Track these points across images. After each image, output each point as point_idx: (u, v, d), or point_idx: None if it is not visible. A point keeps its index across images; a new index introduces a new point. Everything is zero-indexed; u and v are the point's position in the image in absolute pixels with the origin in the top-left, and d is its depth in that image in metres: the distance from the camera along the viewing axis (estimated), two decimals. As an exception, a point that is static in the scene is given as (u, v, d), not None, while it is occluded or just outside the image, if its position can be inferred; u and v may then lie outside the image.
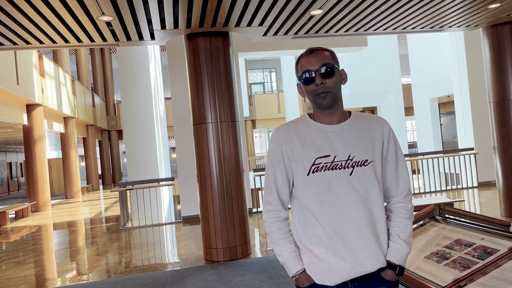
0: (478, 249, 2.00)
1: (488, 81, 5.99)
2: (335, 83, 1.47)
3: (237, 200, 5.18)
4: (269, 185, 1.54)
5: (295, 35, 5.40)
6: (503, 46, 5.70)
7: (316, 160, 1.45)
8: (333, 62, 1.48)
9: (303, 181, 1.47)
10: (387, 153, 1.52)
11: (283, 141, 1.51)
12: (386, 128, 1.53)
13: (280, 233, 1.50)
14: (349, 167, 1.44)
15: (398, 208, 1.54)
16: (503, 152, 5.84)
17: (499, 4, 4.82)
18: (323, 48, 1.52)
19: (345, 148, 1.46)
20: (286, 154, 1.50)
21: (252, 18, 4.61)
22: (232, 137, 5.21)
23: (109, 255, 6.03)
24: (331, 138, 1.48)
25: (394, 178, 1.54)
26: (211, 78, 5.08)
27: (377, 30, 5.52)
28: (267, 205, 1.54)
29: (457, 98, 9.85)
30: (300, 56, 1.54)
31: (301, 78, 1.50)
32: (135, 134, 9.56)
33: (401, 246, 1.48)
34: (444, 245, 2.18)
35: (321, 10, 4.51)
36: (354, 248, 1.42)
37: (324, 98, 1.46)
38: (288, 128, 1.53)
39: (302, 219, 1.49)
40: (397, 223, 1.52)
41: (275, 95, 22.74)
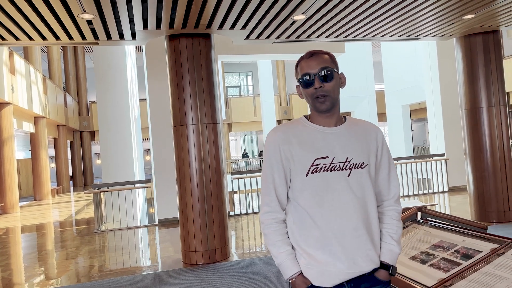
0: (461, 251, 2.07)
1: (460, 89, 6.22)
2: (334, 87, 1.50)
3: (217, 203, 5.16)
4: (267, 186, 1.54)
5: (277, 39, 5.45)
6: (475, 56, 5.93)
7: (315, 161, 1.47)
8: (332, 66, 1.51)
9: (302, 181, 1.48)
10: (381, 158, 1.57)
11: (281, 141, 1.52)
12: (379, 135, 1.58)
13: (277, 235, 1.51)
14: (347, 169, 1.47)
15: (389, 211, 1.58)
16: (474, 158, 6.06)
17: (473, 15, 5.02)
18: (323, 51, 1.54)
19: (343, 150, 1.49)
20: (284, 154, 1.51)
21: (236, 21, 4.63)
22: (213, 139, 5.19)
23: (82, 259, 5.87)
24: (330, 140, 1.50)
25: (386, 182, 1.58)
26: (192, 79, 5.06)
27: (356, 37, 5.64)
28: (264, 207, 1.55)
29: (429, 106, 10.16)
30: (300, 58, 1.56)
31: (300, 81, 1.52)
32: (110, 135, 9.38)
33: (393, 247, 1.52)
34: (428, 246, 2.25)
35: (303, 15, 4.57)
36: (350, 249, 1.44)
37: (322, 102, 1.49)
38: (286, 129, 1.54)
39: (298, 221, 1.51)
40: (389, 225, 1.56)
41: (251, 98, 22.80)
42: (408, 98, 14.52)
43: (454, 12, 4.96)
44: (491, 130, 5.91)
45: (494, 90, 5.89)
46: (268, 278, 4.29)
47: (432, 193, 9.38)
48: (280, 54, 8.94)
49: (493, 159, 5.91)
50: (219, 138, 5.30)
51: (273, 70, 19.72)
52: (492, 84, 5.90)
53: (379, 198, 1.59)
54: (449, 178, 9.42)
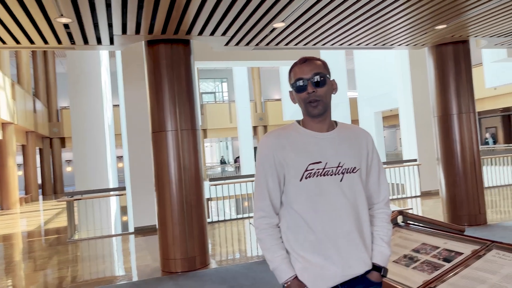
0: (443, 253, 2.14)
1: (432, 97, 6.43)
2: (326, 92, 1.54)
3: (196, 210, 5.12)
4: (261, 191, 1.56)
5: (256, 46, 5.49)
6: (446, 65, 6.16)
7: (309, 166, 1.49)
8: (325, 71, 1.55)
9: (296, 186, 1.50)
10: (372, 163, 1.61)
11: (275, 147, 1.54)
12: (370, 140, 1.63)
13: (272, 239, 1.53)
14: (339, 174, 1.51)
15: (380, 214, 1.63)
16: (446, 163, 6.26)
17: (445, 25, 5.22)
18: (316, 57, 1.58)
19: (335, 155, 1.52)
20: (278, 160, 1.53)
21: (216, 27, 4.64)
22: (192, 145, 5.16)
23: (55, 269, 5.69)
24: (322, 145, 1.53)
25: (376, 186, 1.63)
26: (171, 85, 5.02)
27: (333, 45, 5.75)
28: (259, 211, 1.56)
29: (401, 113, 10.43)
30: (293, 64, 1.59)
31: (293, 86, 1.55)
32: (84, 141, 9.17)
33: (384, 249, 1.57)
34: (411, 249, 2.31)
35: (283, 23, 4.64)
36: (344, 252, 1.47)
37: (315, 107, 1.52)
38: (279, 135, 1.57)
39: (293, 226, 1.53)
40: (380, 227, 1.60)
41: (227, 105, 22.80)
42: (381, 105, 14.87)
43: (427, 22, 5.14)
44: (462, 136, 6.13)
45: (464, 98, 6.12)
46: (250, 285, 4.28)
47: (405, 198, 9.62)
48: (256, 61, 9.01)
49: (464, 164, 6.12)
50: (199, 144, 5.28)
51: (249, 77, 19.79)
52: (462, 92, 6.13)
53: (370, 201, 1.63)
54: (421, 183, 9.68)
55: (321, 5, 4.28)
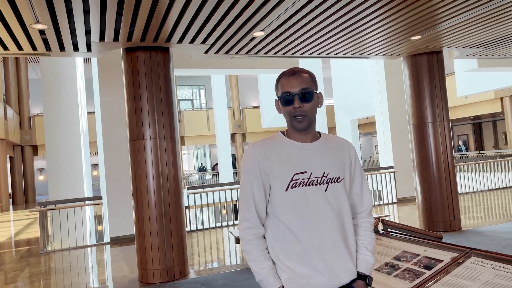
0: (423, 260, 2.18)
1: (408, 105, 6.58)
2: (312, 107, 1.55)
3: (175, 219, 5.06)
4: (246, 201, 1.55)
5: (235, 55, 5.50)
6: (421, 74, 6.32)
7: (294, 176, 1.50)
8: (312, 86, 1.56)
9: (282, 196, 1.51)
10: (354, 172, 1.63)
11: (261, 157, 1.54)
12: (352, 150, 1.65)
13: (258, 250, 1.52)
14: (324, 183, 1.52)
15: (363, 223, 1.65)
16: (421, 170, 6.40)
17: (420, 36, 5.36)
18: (304, 70, 1.59)
19: (320, 165, 1.54)
20: (264, 169, 1.53)
21: (196, 35, 4.63)
22: (171, 154, 5.11)
23: (28, 282, 5.50)
24: (307, 155, 1.55)
25: (359, 195, 1.65)
26: (150, 93, 4.97)
27: (312, 54, 5.83)
28: (245, 222, 1.55)
29: (378, 121, 10.63)
30: (281, 75, 1.59)
31: (280, 98, 1.56)
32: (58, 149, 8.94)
33: (369, 258, 1.59)
34: (392, 256, 2.34)
35: (263, 32, 4.67)
36: (330, 262, 1.48)
37: (300, 121, 1.54)
38: (264, 145, 1.57)
39: (278, 236, 1.52)
40: (364, 236, 1.62)
41: (204, 112, 22.71)
42: (357, 113, 15.13)
43: (403, 33, 5.27)
44: (437, 144, 6.28)
45: (438, 106, 6.30)
46: (230, 295, 4.24)
47: (382, 205, 9.77)
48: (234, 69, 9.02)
49: (439, 171, 6.27)
50: (178, 153, 5.23)
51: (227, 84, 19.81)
52: (436, 101, 6.30)
53: (353, 210, 1.65)
54: (397, 189, 9.86)
55: (300, 15, 4.33)
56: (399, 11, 4.48)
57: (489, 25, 5.25)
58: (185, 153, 28.96)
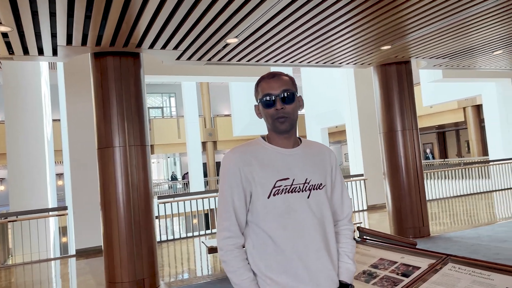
0: (401, 267, 2.17)
1: (378, 114, 6.69)
2: (294, 109, 1.52)
3: (145, 229, 4.90)
4: (226, 210, 1.49)
5: (208, 62, 5.44)
6: (391, 83, 6.46)
7: (277, 182, 1.46)
8: (293, 88, 1.53)
9: (263, 204, 1.45)
10: (335, 179, 1.60)
11: (242, 163, 1.48)
12: (333, 156, 1.62)
13: (238, 261, 1.45)
14: (306, 190, 1.48)
15: (344, 230, 1.62)
16: (391, 177, 6.51)
17: (390, 46, 5.48)
18: (283, 73, 1.56)
19: (302, 172, 1.50)
20: (245, 176, 1.47)
21: (168, 41, 4.54)
22: (142, 162, 4.97)
23: (-13, 299, 5.18)
24: (289, 161, 1.50)
25: (340, 202, 1.62)
26: (120, 99, 4.83)
27: (285, 62, 5.84)
28: (224, 232, 1.48)
29: (348, 129, 10.78)
30: (260, 78, 1.56)
31: (261, 101, 1.51)
32: (21, 158, 8.55)
33: (350, 266, 1.56)
34: (370, 264, 2.32)
35: (236, 39, 4.63)
36: (314, 271, 1.44)
37: (283, 123, 1.49)
38: (245, 150, 1.52)
39: (259, 245, 1.47)
40: (345, 244, 1.59)
41: (175, 120, 22.42)
42: (327, 121, 15.32)
43: (373, 43, 5.37)
44: (406, 152, 6.41)
45: (407, 115, 6.44)
46: (202, 307, 4.13)
47: (353, 212, 9.86)
48: (203, 76, 8.94)
49: (408, 178, 6.39)
50: (148, 161, 5.09)
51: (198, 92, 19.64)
52: (405, 110, 6.44)
53: (334, 217, 1.61)
54: (367, 196, 10.00)
55: (273, 23, 4.33)
56: (369, 21, 4.56)
57: (454, 36, 5.43)
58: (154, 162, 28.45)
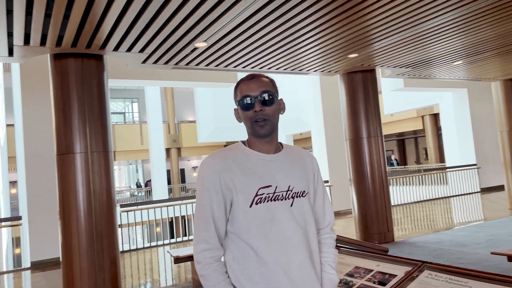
0: (377, 275, 2.14)
1: (344, 121, 6.78)
2: (274, 111, 1.45)
3: (108, 239, 4.67)
4: (205, 220, 1.39)
5: (175, 66, 5.30)
6: (356, 91, 6.56)
7: (259, 190, 1.37)
8: (273, 90, 1.46)
9: (245, 213, 1.37)
10: (317, 186, 1.55)
11: (222, 169, 1.39)
12: (315, 162, 1.57)
13: (218, 275, 1.36)
14: (289, 198, 1.41)
15: (326, 239, 1.56)
16: (357, 184, 6.59)
17: (357, 54, 5.56)
18: (263, 74, 1.49)
19: (285, 179, 1.43)
20: (225, 183, 1.38)
21: (134, 43, 4.38)
22: (104, 169, 4.75)
23: None
24: (271, 167, 1.43)
25: (322, 210, 1.56)
26: (81, 103, 4.60)
27: (253, 68, 5.80)
28: (202, 244, 1.38)
29: (314, 136, 10.88)
30: (239, 81, 1.49)
31: (240, 103, 1.44)
32: (-30, 165, 8.00)
33: (333, 276, 1.50)
34: (345, 273, 2.28)
35: (205, 43, 4.54)
36: (297, 283, 1.37)
37: (262, 126, 1.42)
38: (225, 156, 1.43)
39: (240, 257, 1.38)
40: (327, 253, 1.53)
41: (138, 126, 21.90)
42: (293, 128, 15.44)
43: (341, 51, 5.43)
44: (371, 158, 6.51)
45: (372, 122, 6.55)
46: (169, 320, 3.96)
47: (318, 218, 9.92)
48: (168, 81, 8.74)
49: (374, 185, 6.49)
50: (111, 167, 4.88)
51: (162, 97, 19.27)
52: (370, 117, 6.55)
53: (316, 226, 1.55)
54: (333, 203, 10.11)
55: (242, 28, 4.29)
56: (335, 30, 4.61)
57: (417, 46, 5.59)
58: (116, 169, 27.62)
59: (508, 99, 8.59)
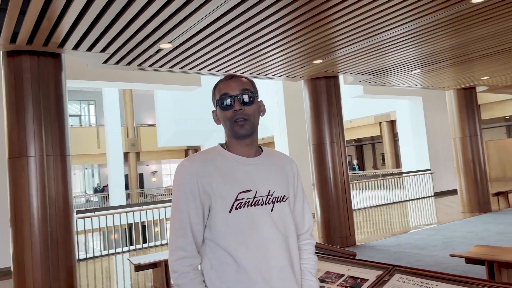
0: (349, 280, 2.14)
1: (308, 126, 6.85)
2: (255, 111, 1.40)
3: (64, 247, 4.44)
4: (182, 226, 1.32)
5: (138, 67, 5.15)
6: (320, 97, 6.65)
7: (239, 195, 1.32)
8: (253, 90, 1.42)
9: (224, 219, 1.31)
10: (297, 190, 1.51)
11: (200, 173, 1.32)
12: (294, 166, 1.54)
13: (196, 284, 1.29)
14: (269, 203, 1.37)
15: (305, 245, 1.53)
16: (321, 188, 6.66)
17: (321, 60, 5.64)
18: (242, 75, 1.44)
19: (265, 183, 1.38)
20: (204, 188, 1.32)
21: (95, 42, 4.20)
22: (61, 173, 4.52)
23: None
24: (251, 171, 1.38)
25: (301, 215, 1.53)
26: (37, 104, 4.36)
27: (218, 71, 5.73)
28: (179, 251, 1.31)
29: (276, 141, 10.94)
30: (218, 82, 1.44)
31: (218, 102, 1.38)
32: None
33: (314, 283, 1.47)
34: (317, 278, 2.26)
35: (171, 44, 4.43)
36: None
37: (242, 126, 1.37)
38: (203, 159, 1.36)
39: (218, 265, 1.31)
40: (307, 260, 1.50)
41: (94, 129, 21.17)
42: (255, 133, 15.45)
43: (305, 57, 5.49)
44: (334, 163, 6.61)
45: (335, 128, 6.66)
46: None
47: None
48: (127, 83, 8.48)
49: (336, 189, 6.59)
50: (69, 172, 4.65)
51: (120, 100, 18.74)
52: (333, 123, 6.66)
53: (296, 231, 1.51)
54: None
55: (209, 31, 4.22)
56: (300, 36, 4.66)
57: (377, 55, 5.75)
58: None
59: (461, 107, 9.02)
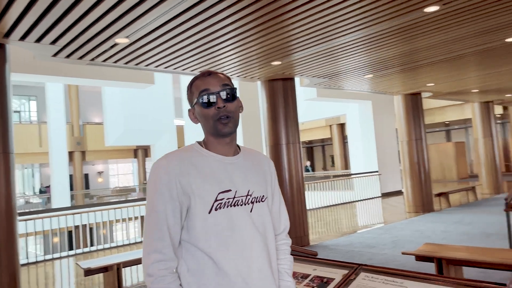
0: (315, 280, 2.15)
1: (265, 127, 6.88)
2: (236, 108, 1.36)
3: (6, 252, 4.14)
4: (158, 228, 1.25)
5: (91, 61, 4.91)
6: (277, 99, 6.70)
7: (219, 195, 1.27)
8: (232, 85, 1.37)
9: (204, 220, 1.26)
10: (274, 190, 1.50)
11: (179, 172, 1.26)
12: (271, 165, 1.52)
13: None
14: (249, 203, 1.33)
15: (282, 245, 1.51)
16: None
17: (280, 62, 5.68)
18: (219, 72, 1.39)
19: (244, 183, 1.35)
20: (183, 188, 1.26)
21: (45, 34, 3.94)
22: (3, 173, 4.22)
23: None
24: (230, 171, 1.34)
25: (278, 215, 1.51)
26: (-23, 97, 4.03)
27: (176, 69, 5.61)
28: (154, 254, 1.24)
29: (230, 141, 10.90)
30: (193, 78, 1.38)
31: (199, 100, 1.32)
32: None
33: (291, 284, 1.46)
34: (283, 279, 2.25)
35: (127, 39, 4.27)
36: None
37: (226, 124, 1.32)
38: (181, 158, 1.30)
39: (196, 269, 1.26)
40: (284, 261, 1.49)
41: (36, 126, 20.00)
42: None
43: (262, 59, 5.52)
44: (290, 165, 6.69)
45: (291, 129, 6.74)
46: None
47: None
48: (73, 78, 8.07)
49: (292, 190, 6.67)
50: (12, 171, 4.34)
51: (65, 97, 17.84)
52: (289, 124, 6.74)
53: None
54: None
55: (167, 28, 4.12)
56: (258, 38, 4.67)
57: (332, 59, 5.90)
58: (8, 173, 24.81)
59: (408, 112, 9.47)
